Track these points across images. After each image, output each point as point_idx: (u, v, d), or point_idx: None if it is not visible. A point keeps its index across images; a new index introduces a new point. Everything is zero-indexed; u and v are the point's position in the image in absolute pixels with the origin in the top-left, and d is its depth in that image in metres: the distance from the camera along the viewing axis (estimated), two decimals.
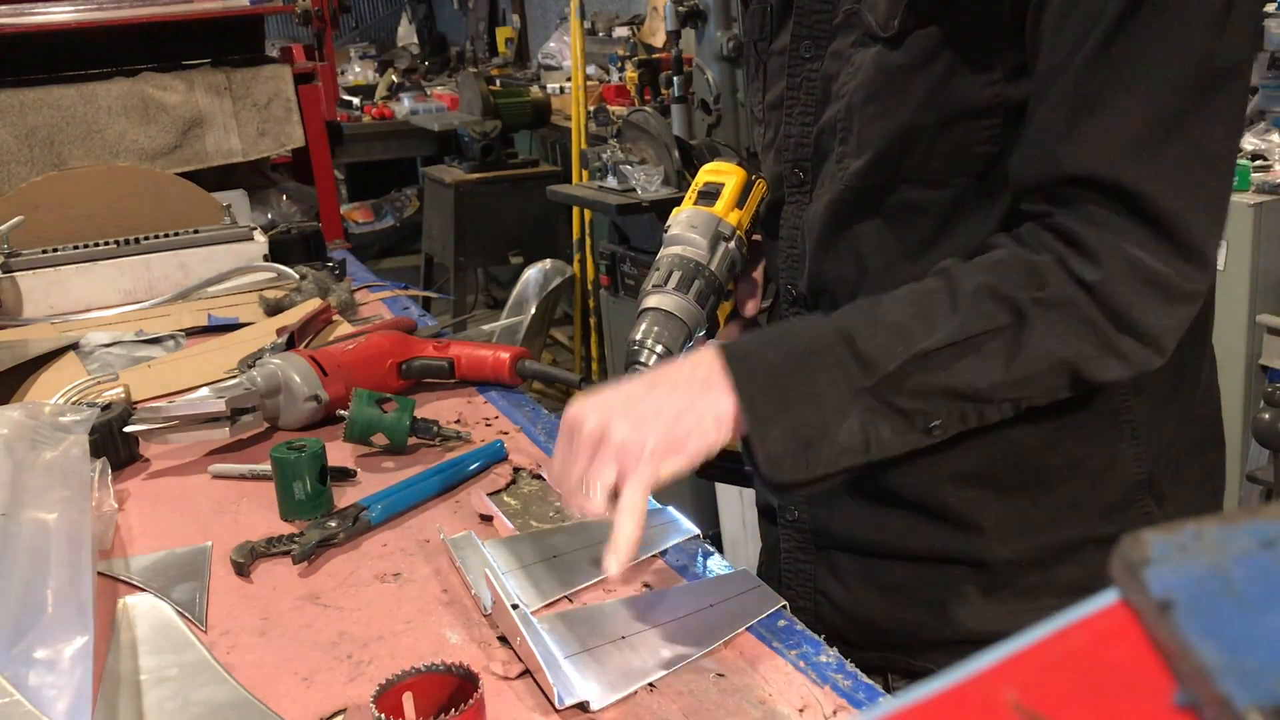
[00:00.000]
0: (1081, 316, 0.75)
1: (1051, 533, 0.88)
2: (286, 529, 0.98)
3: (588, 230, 4.07)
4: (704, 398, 0.78)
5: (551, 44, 6.02)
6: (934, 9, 0.80)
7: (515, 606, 0.77)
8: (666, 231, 1.02)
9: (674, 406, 0.78)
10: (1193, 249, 0.74)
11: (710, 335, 1.04)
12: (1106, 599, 0.26)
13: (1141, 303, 0.75)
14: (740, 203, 1.03)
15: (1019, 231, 0.80)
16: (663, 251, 1.01)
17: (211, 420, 1.12)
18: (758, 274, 1.08)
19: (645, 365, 0.96)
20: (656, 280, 0.99)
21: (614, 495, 0.76)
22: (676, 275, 0.98)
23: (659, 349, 0.95)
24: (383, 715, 0.64)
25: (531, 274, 3.75)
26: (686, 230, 1.00)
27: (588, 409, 0.79)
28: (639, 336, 0.96)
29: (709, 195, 1.02)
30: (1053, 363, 0.76)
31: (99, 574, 0.88)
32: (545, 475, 1.05)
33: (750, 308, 1.08)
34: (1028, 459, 0.86)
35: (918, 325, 0.77)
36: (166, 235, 1.81)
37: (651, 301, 0.98)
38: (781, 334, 0.83)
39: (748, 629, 0.79)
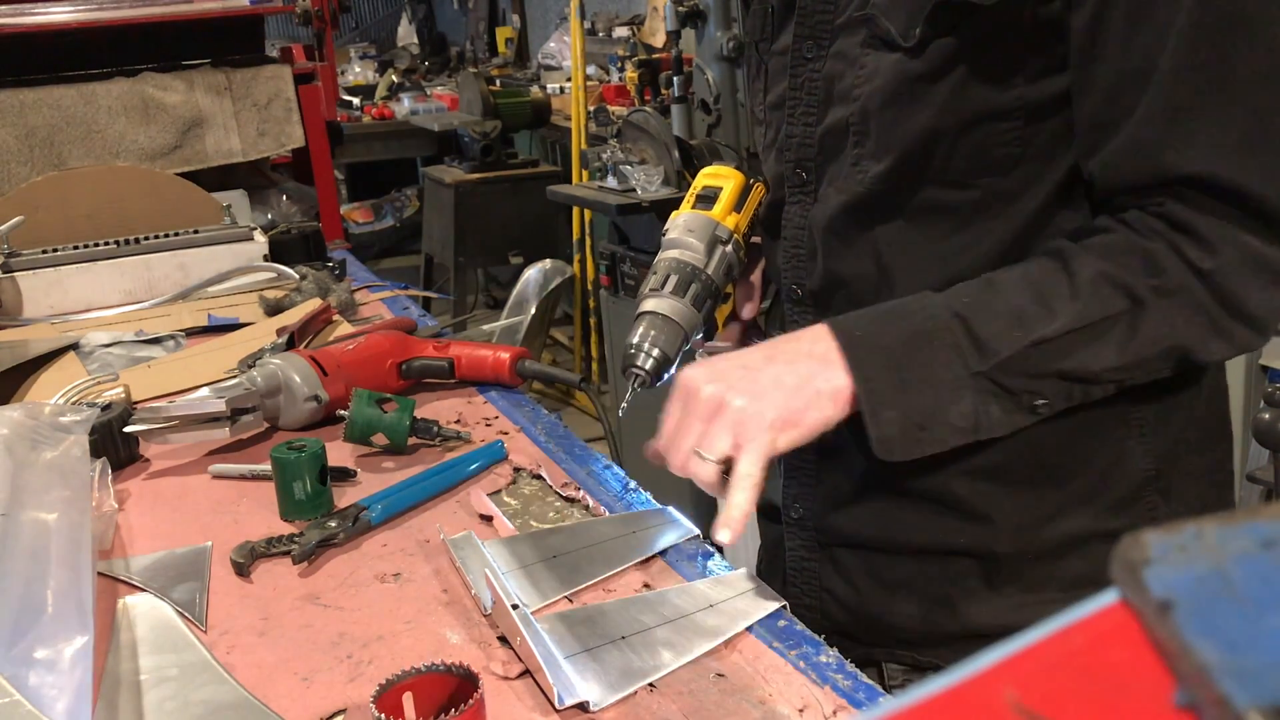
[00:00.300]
0: (1195, 303, 0.77)
1: (1059, 526, 0.89)
2: (286, 529, 0.98)
3: (588, 230, 4.07)
4: (821, 373, 0.80)
5: (551, 44, 6.03)
6: (955, 18, 0.81)
7: (515, 606, 0.77)
8: (664, 235, 1.03)
9: (792, 379, 0.80)
10: None
11: (708, 338, 1.05)
12: (1106, 599, 0.26)
13: (1252, 289, 0.77)
14: (738, 206, 1.03)
15: (1128, 217, 0.80)
16: (660, 255, 1.02)
17: (211, 420, 1.11)
18: (756, 277, 1.08)
19: (642, 369, 0.97)
20: (654, 284, 0.99)
21: (726, 465, 0.79)
22: (674, 279, 0.98)
23: (655, 352, 0.96)
24: (383, 715, 0.64)
25: (531, 274, 3.75)
26: (684, 234, 1.01)
27: (704, 376, 0.81)
28: (635, 340, 0.97)
29: (707, 199, 1.03)
30: (1165, 347, 0.79)
31: (99, 574, 0.88)
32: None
33: (748, 310, 1.08)
34: (1040, 454, 0.87)
35: (1036, 310, 0.79)
36: (166, 235, 1.81)
37: (648, 305, 0.98)
38: (895, 314, 0.83)
39: (748, 629, 0.79)
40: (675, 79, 3.14)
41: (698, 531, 0.94)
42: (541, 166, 4.60)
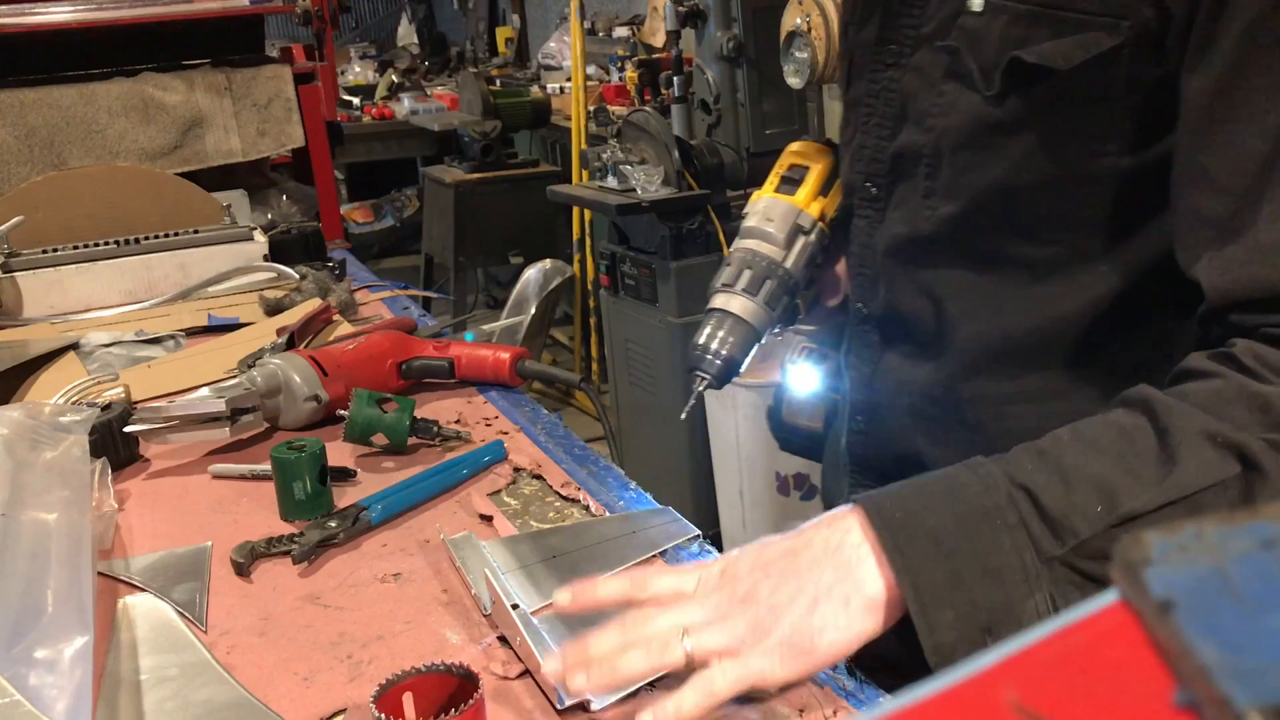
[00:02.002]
0: None
1: None
2: (286, 529, 0.98)
3: (588, 230, 4.07)
4: (849, 577, 0.65)
5: (551, 44, 6.02)
6: (1034, 75, 0.74)
7: (515, 606, 0.77)
8: (744, 219, 0.96)
9: (812, 589, 0.65)
10: None
11: (790, 323, 0.98)
12: (1106, 599, 0.26)
13: None
14: (825, 190, 0.95)
15: (1234, 352, 0.67)
16: (736, 243, 0.94)
17: (211, 420, 1.11)
18: (842, 266, 1.00)
19: (707, 374, 0.90)
20: (726, 278, 0.92)
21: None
22: (747, 275, 0.91)
23: (724, 353, 0.90)
24: (383, 715, 0.64)
25: (531, 274, 3.74)
26: (762, 222, 0.93)
27: (743, 558, 0.69)
28: (702, 341, 0.91)
29: (791, 181, 0.95)
30: None
31: (99, 574, 0.88)
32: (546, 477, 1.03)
33: (833, 301, 1.01)
34: None
35: (1121, 480, 0.65)
36: (166, 235, 1.81)
37: (719, 302, 0.92)
38: (942, 488, 0.68)
39: None
40: (675, 79, 3.14)
41: (697, 532, 0.94)
42: (541, 166, 4.60)
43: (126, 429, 1.10)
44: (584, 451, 1.13)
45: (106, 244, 1.77)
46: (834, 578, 0.66)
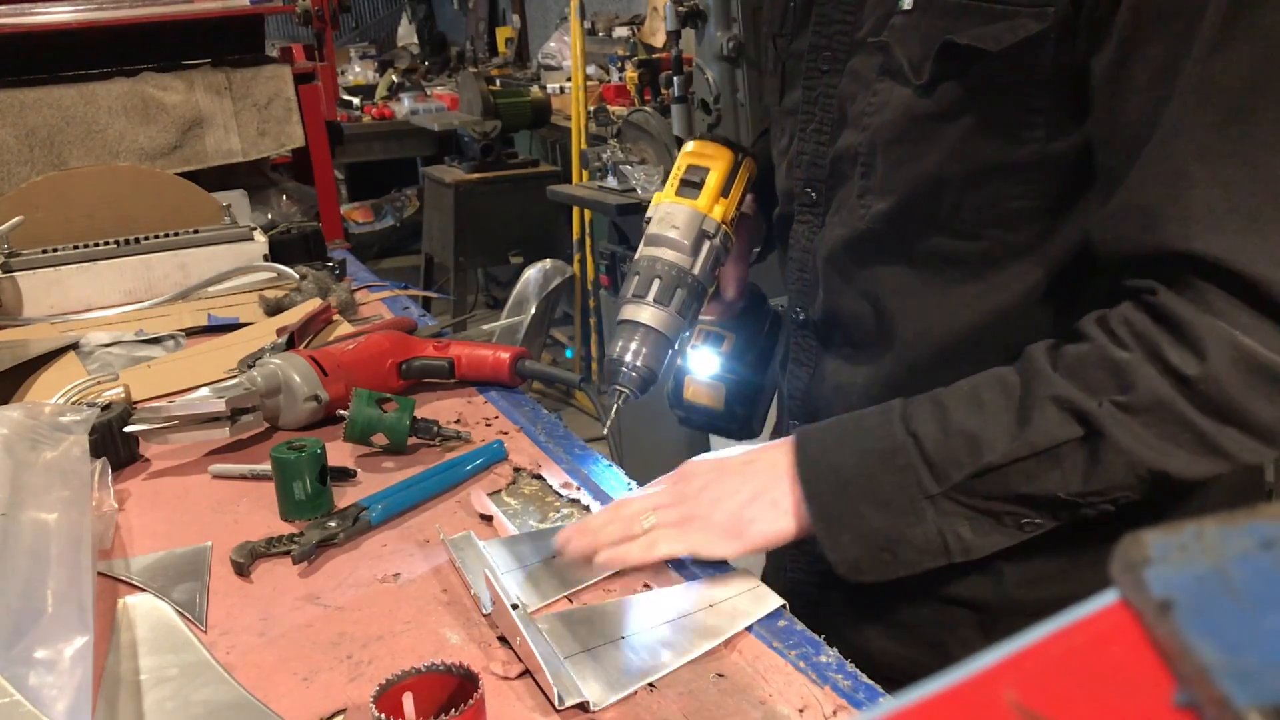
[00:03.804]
0: (1174, 417, 0.70)
1: (1068, 585, 0.83)
2: (286, 529, 0.98)
3: (588, 230, 4.07)
4: (776, 488, 0.82)
5: (551, 44, 6.02)
6: (965, 61, 0.76)
7: (515, 606, 0.77)
8: (646, 223, 0.97)
9: (748, 491, 0.83)
10: None
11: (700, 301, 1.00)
12: (1106, 599, 0.26)
13: (1250, 393, 0.68)
14: (726, 190, 0.96)
15: (1110, 316, 0.74)
16: (642, 250, 0.96)
17: (211, 420, 1.11)
18: (741, 255, 1.03)
19: (626, 388, 0.94)
20: (636, 289, 0.94)
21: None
22: (657, 285, 0.93)
23: (640, 366, 0.93)
24: (383, 715, 0.64)
25: (531, 274, 3.74)
26: (667, 230, 0.95)
27: (700, 463, 0.87)
28: (617, 355, 0.93)
29: (691, 185, 0.96)
30: (1138, 470, 0.72)
31: (99, 574, 0.88)
32: (545, 477, 1.05)
33: (732, 291, 1.04)
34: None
35: (986, 434, 0.75)
36: (166, 235, 1.81)
37: (629, 313, 0.94)
38: (856, 428, 0.82)
39: (748, 629, 0.79)
40: (675, 79, 3.13)
41: None
42: (541, 166, 4.60)
43: (126, 429, 1.10)
44: (584, 451, 1.13)
45: (106, 244, 1.77)
46: (767, 486, 0.82)
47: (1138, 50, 0.71)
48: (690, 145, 1.00)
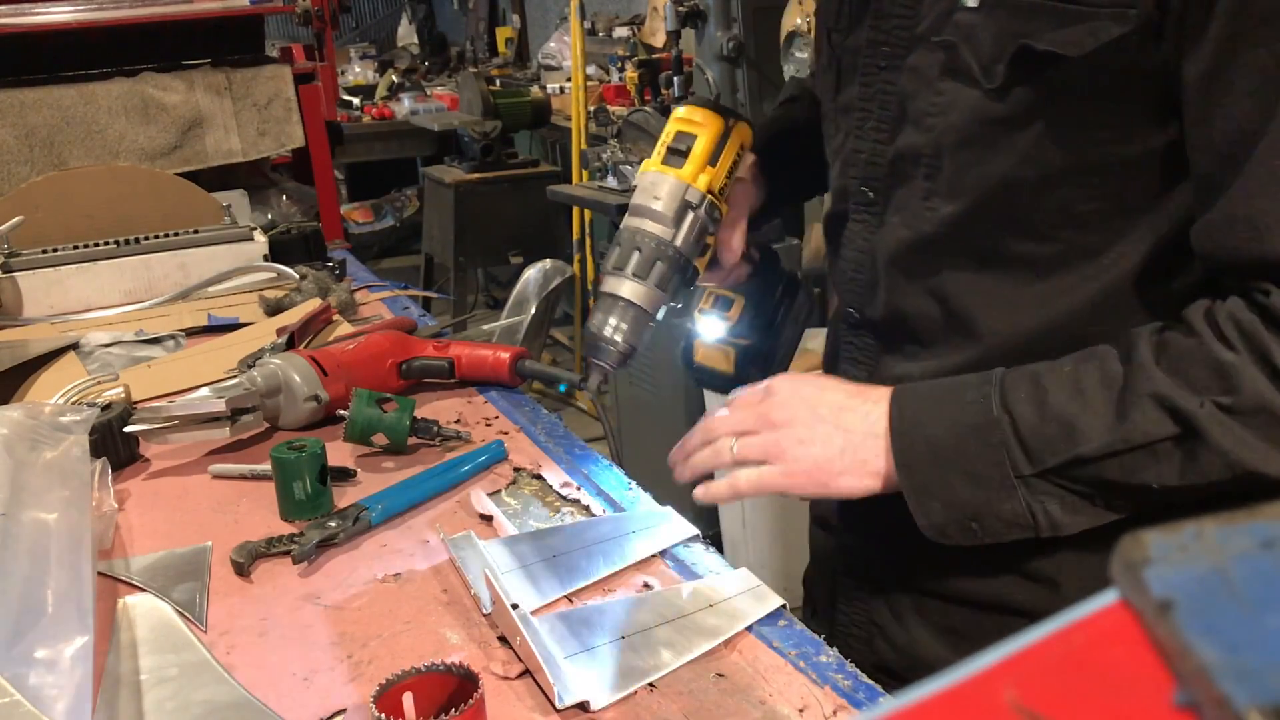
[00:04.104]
0: (1277, 421, 0.69)
1: None
2: (286, 529, 0.98)
3: (588, 230, 4.07)
4: (869, 446, 0.82)
5: (551, 44, 6.02)
6: (1041, 64, 0.74)
7: (515, 606, 0.77)
8: (632, 194, 0.96)
9: (841, 442, 0.83)
10: None
11: (690, 285, 0.99)
12: (1106, 599, 0.26)
13: None
14: (714, 159, 0.94)
15: (1218, 311, 0.72)
16: (625, 221, 0.94)
17: (211, 420, 1.11)
18: (735, 221, 1.00)
19: (604, 364, 0.94)
20: (616, 261, 0.93)
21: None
22: (636, 257, 0.92)
23: (619, 341, 0.92)
24: (383, 715, 0.64)
25: (531, 274, 3.74)
26: (650, 200, 0.93)
27: (788, 391, 0.85)
28: (595, 328, 0.93)
29: (677, 153, 0.94)
30: (1236, 470, 0.71)
31: (99, 574, 0.88)
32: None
33: (730, 258, 1.01)
34: (1121, 524, 0.81)
35: (1082, 424, 0.74)
36: (166, 235, 1.81)
37: (610, 286, 0.93)
38: (953, 397, 0.81)
39: (748, 629, 0.79)
40: (675, 79, 3.14)
41: (697, 531, 0.94)
42: (541, 166, 4.60)
43: (126, 429, 1.10)
44: (584, 451, 1.13)
45: (106, 244, 1.77)
46: (859, 444, 0.82)
47: (1239, 55, 0.68)
48: (680, 110, 0.97)
